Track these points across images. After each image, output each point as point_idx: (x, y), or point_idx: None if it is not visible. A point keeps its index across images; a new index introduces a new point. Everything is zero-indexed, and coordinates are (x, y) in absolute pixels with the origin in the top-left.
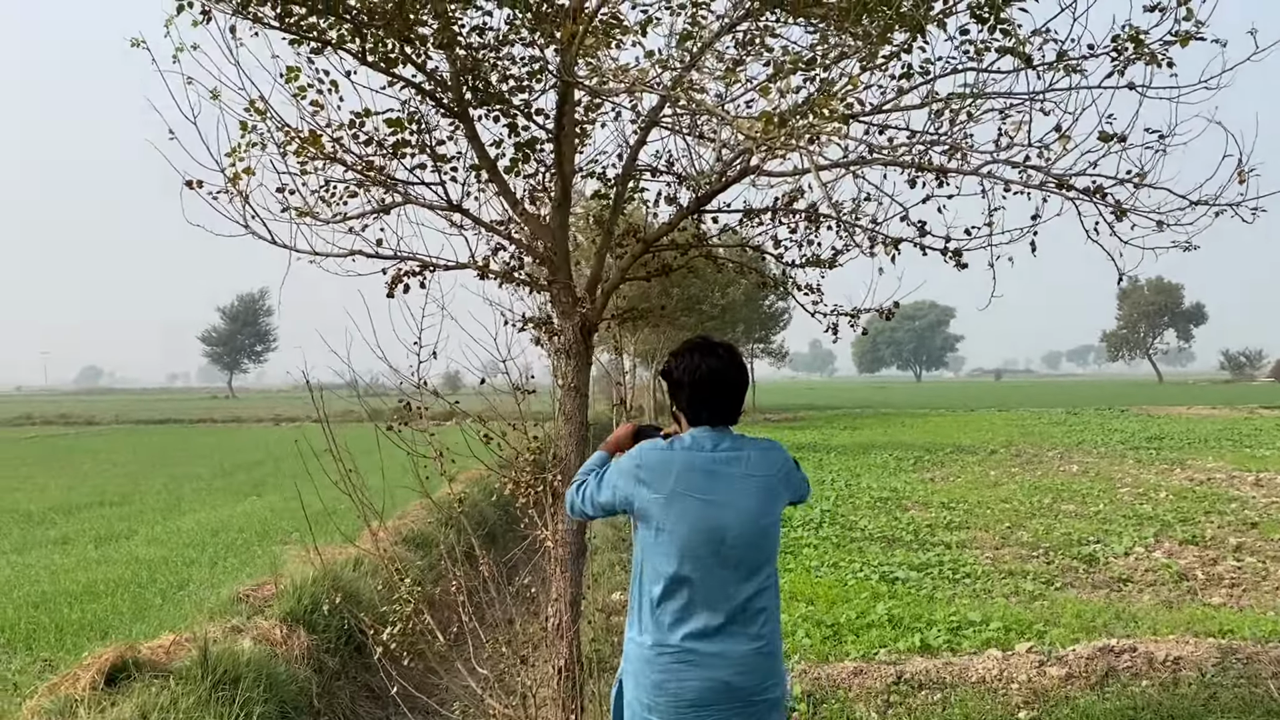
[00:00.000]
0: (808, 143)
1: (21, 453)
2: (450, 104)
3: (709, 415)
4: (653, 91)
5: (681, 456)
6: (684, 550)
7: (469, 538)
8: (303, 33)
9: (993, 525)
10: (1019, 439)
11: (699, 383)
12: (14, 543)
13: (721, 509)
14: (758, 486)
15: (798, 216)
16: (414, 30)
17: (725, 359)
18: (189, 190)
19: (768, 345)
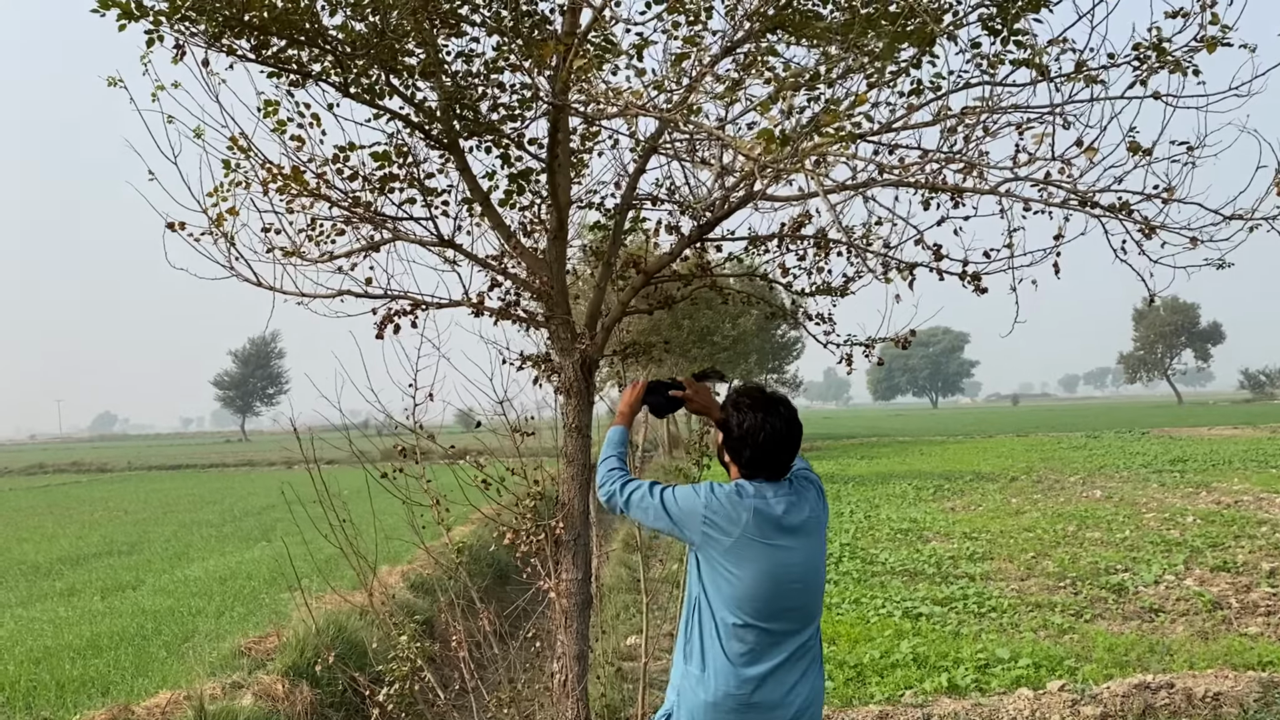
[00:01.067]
0: (813, 164)
1: (33, 502)
2: (439, 135)
3: (767, 473)
4: (647, 115)
5: (750, 503)
6: (753, 596)
7: (470, 589)
8: (281, 65)
9: (1017, 555)
10: (1039, 465)
11: (761, 444)
12: (20, 596)
13: (790, 555)
14: (816, 528)
15: (806, 242)
16: (399, 60)
17: (786, 417)
18: (171, 233)
19: (781, 375)
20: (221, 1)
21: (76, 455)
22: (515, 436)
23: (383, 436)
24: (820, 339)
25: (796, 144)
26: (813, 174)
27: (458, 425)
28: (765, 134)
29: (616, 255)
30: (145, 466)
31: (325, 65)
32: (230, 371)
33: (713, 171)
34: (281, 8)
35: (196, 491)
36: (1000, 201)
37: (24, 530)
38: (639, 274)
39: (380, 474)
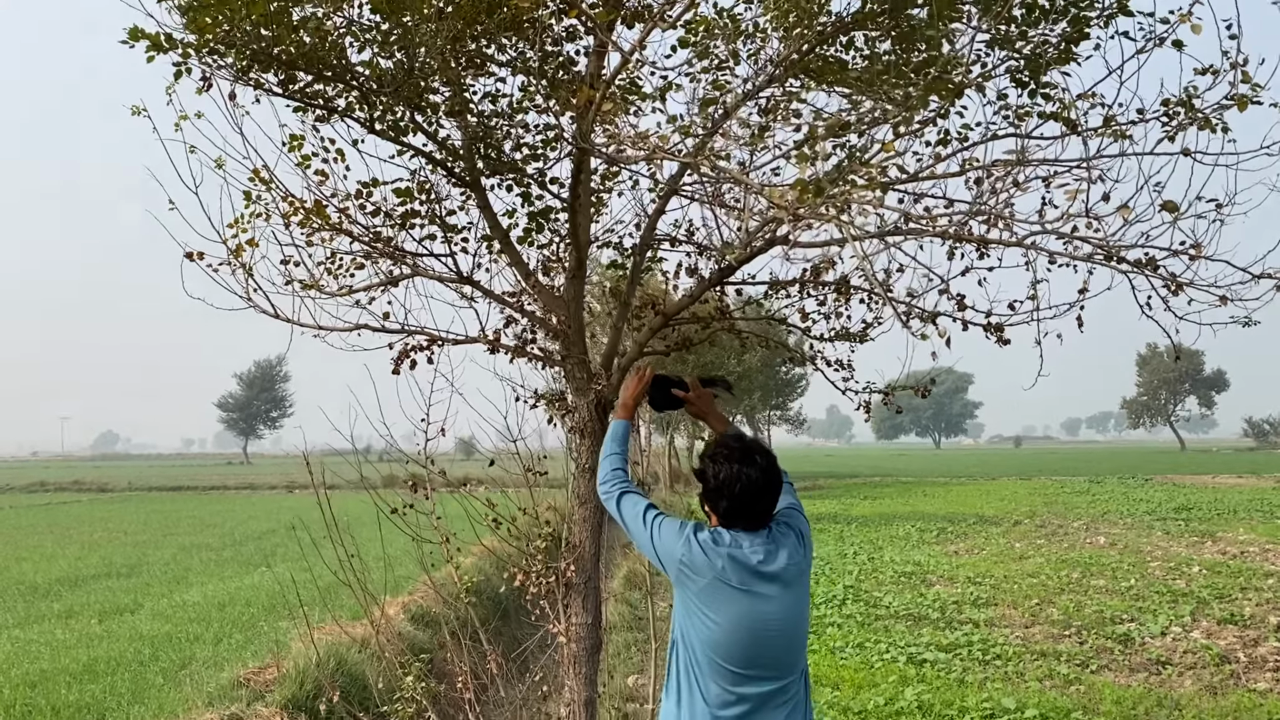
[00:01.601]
0: (842, 212)
1: (33, 520)
2: (462, 173)
3: (745, 524)
4: (673, 159)
5: (725, 551)
6: (729, 643)
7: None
8: (308, 100)
9: (1021, 602)
10: (1042, 509)
11: (738, 495)
12: (17, 616)
13: (767, 604)
14: (796, 577)
15: (827, 289)
16: (424, 98)
17: (765, 468)
18: (189, 262)
19: (784, 412)
20: (250, 36)
21: (78, 474)
22: (528, 475)
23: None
24: (839, 385)
25: (830, 192)
26: (842, 222)
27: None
28: (801, 184)
29: (634, 295)
30: (146, 487)
31: (351, 101)
32: (235, 393)
33: (737, 217)
34: (310, 43)
35: (197, 514)
36: (1025, 253)
37: (23, 549)
38: (657, 315)
39: (390, 509)
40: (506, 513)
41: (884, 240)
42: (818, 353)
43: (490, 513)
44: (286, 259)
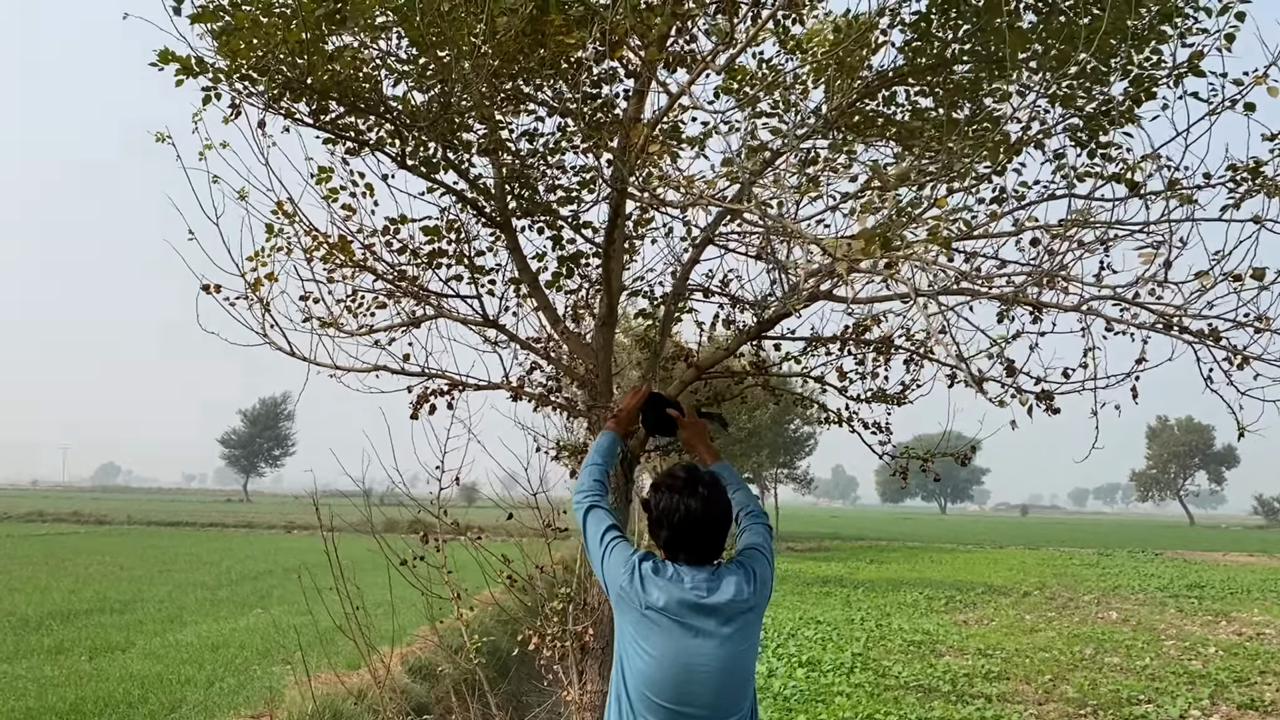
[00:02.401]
0: (898, 266)
1: (29, 550)
2: (492, 213)
3: (686, 556)
4: (719, 206)
5: (663, 583)
6: (659, 679)
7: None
8: (339, 131)
9: (1034, 677)
10: (1051, 581)
11: (678, 525)
12: (6, 650)
13: (704, 641)
14: (740, 613)
15: (867, 348)
16: (458, 135)
17: (706, 498)
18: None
19: (792, 471)
20: (284, 64)
21: (77, 505)
22: (547, 531)
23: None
24: (875, 449)
25: (901, 245)
26: (902, 278)
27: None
28: (867, 234)
29: (664, 346)
30: (145, 521)
31: (383, 134)
32: (238, 430)
33: (778, 269)
34: (344, 74)
35: (194, 551)
36: (1081, 319)
37: (17, 580)
38: (690, 368)
39: (400, 560)
40: (520, 568)
41: (933, 299)
42: (854, 414)
43: (505, 569)
44: (306, 295)
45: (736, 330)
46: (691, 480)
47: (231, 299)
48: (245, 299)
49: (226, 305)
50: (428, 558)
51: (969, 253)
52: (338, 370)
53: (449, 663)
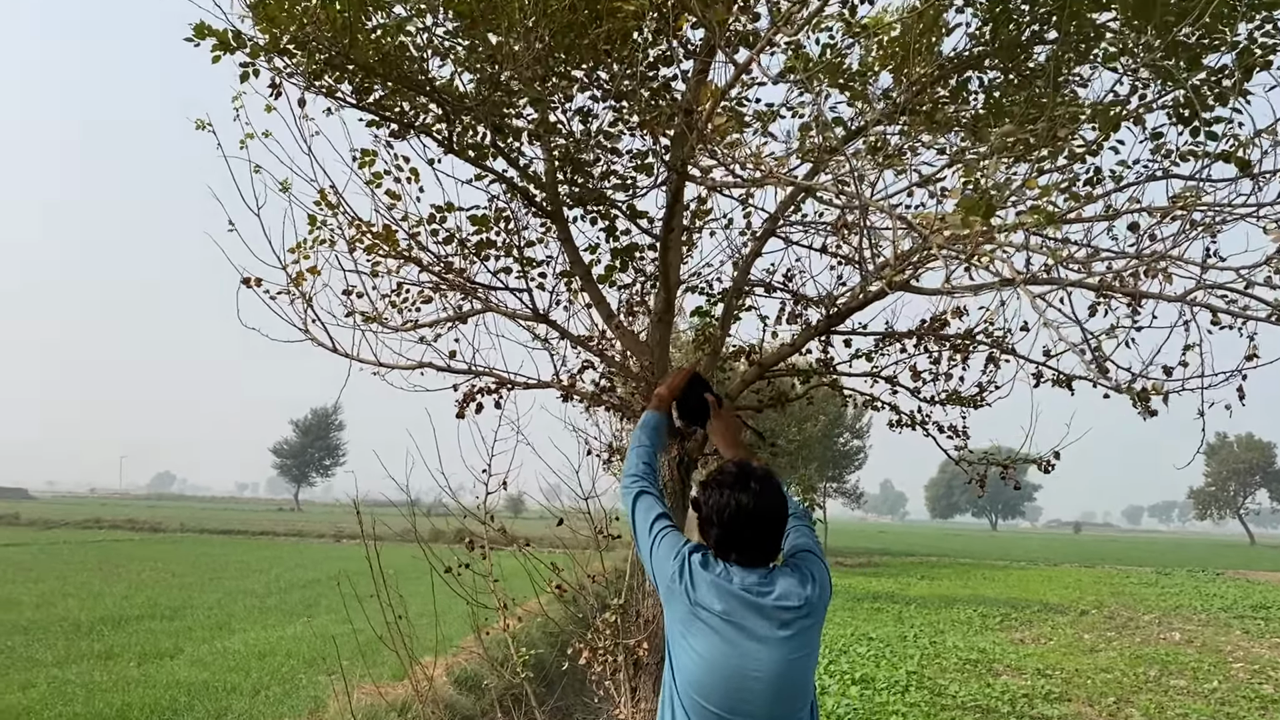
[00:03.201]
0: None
1: (84, 556)
2: (543, 201)
3: (738, 556)
4: (793, 184)
5: (712, 579)
6: (707, 683)
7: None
8: (383, 113)
9: (1097, 699)
10: (1109, 599)
11: (728, 522)
12: (57, 655)
13: (751, 646)
14: (792, 619)
15: (946, 344)
16: (507, 120)
17: (759, 494)
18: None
19: (841, 485)
20: (325, 38)
21: (132, 512)
22: (598, 539)
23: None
24: (952, 455)
25: (993, 215)
26: (992, 262)
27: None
28: (967, 203)
29: (723, 344)
30: (198, 529)
31: (429, 119)
32: (290, 440)
33: (865, 252)
34: (388, 48)
35: (245, 559)
36: (1184, 311)
37: (71, 585)
38: (752, 365)
39: (444, 568)
40: (570, 577)
41: (1027, 289)
42: (927, 416)
43: (555, 578)
44: (349, 289)
45: (803, 326)
46: (743, 475)
47: (272, 293)
48: (287, 293)
49: (267, 299)
50: (473, 565)
51: (1059, 240)
52: (381, 367)
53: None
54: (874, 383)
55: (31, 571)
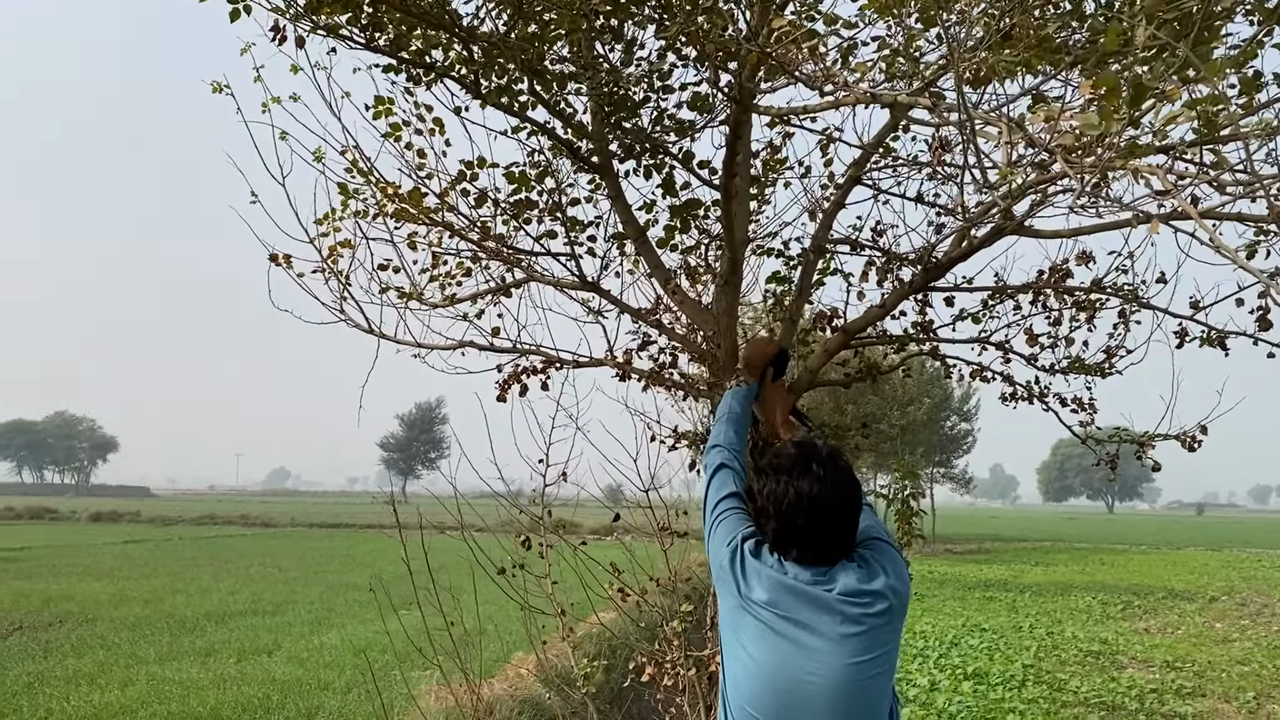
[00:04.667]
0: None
1: (196, 552)
2: (588, 154)
3: (799, 553)
4: (877, 101)
5: (767, 571)
6: (760, 690)
7: None
8: (398, 55)
9: (1234, 694)
10: (1240, 585)
11: (786, 513)
12: (159, 651)
13: (810, 645)
14: (859, 617)
15: (1069, 299)
16: (543, 64)
17: (822, 479)
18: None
19: (949, 470)
20: None
21: (246, 508)
22: (662, 536)
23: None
24: (1077, 432)
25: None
26: (1146, 173)
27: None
28: (1106, 80)
29: (802, 310)
30: (307, 523)
31: (451, 58)
32: (396, 434)
33: (964, 178)
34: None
35: (351, 552)
36: None
37: (181, 581)
38: (837, 333)
39: (498, 570)
40: (631, 580)
41: (1196, 217)
42: (1046, 388)
43: (615, 580)
44: (385, 264)
45: (895, 284)
46: (804, 457)
47: (304, 271)
48: (321, 271)
49: (297, 278)
50: (528, 565)
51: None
52: (421, 348)
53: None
54: (982, 350)
55: (145, 567)
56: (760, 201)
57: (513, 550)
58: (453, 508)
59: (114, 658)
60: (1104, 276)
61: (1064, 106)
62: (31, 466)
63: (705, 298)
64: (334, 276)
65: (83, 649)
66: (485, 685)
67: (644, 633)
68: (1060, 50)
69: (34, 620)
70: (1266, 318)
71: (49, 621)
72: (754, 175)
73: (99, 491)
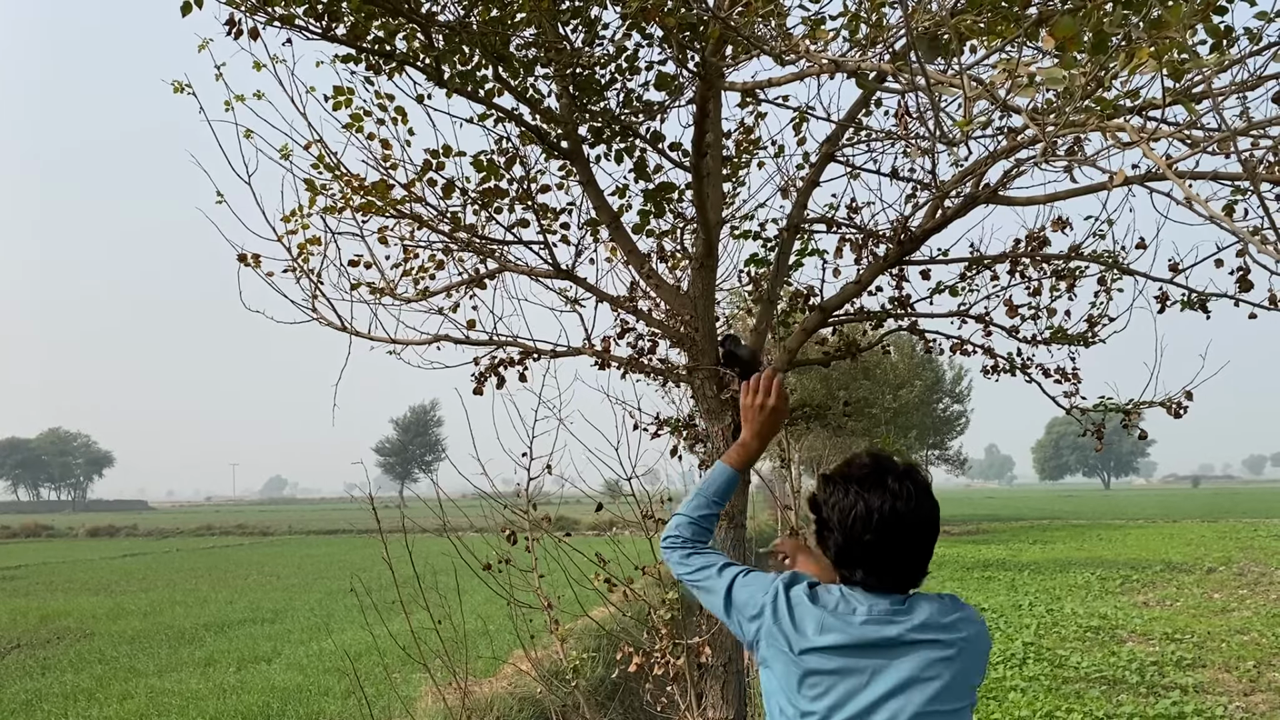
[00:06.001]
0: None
1: (195, 563)
2: (557, 139)
3: (866, 575)
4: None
5: (821, 615)
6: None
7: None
8: (356, 44)
9: (1234, 664)
10: (1238, 555)
11: (854, 527)
12: (159, 663)
13: (875, 698)
14: (933, 667)
15: (1047, 267)
16: (507, 48)
17: (897, 493)
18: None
19: (944, 452)
20: None
21: (243, 518)
22: (646, 523)
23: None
24: (1061, 403)
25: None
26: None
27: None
28: (1064, 28)
29: (779, 291)
30: (305, 531)
31: (414, 47)
32: (391, 438)
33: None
34: None
35: (348, 558)
36: None
37: (179, 592)
38: (814, 311)
39: (483, 566)
40: (617, 570)
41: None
42: (1028, 359)
43: (601, 571)
44: (355, 260)
45: (870, 260)
46: (878, 470)
47: (274, 271)
48: (291, 270)
49: (266, 278)
50: (515, 562)
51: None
52: (395, 344)
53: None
54: (962, 323)
55: (144, 580)
56: (735, 183)
57: (498, 546)
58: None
59: (112, 672)
60: (1082, 243)
61: (1022, 61)
62: (27, 484)
63: (683, 283)
64: (304, 275)
65: (81, 664)
66: (486, 684)
67: (633, 623)
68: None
69: (31, 638)
70: (1246, 278)
71: (47, 638)
72: (727, 156)
73: (96, 507)
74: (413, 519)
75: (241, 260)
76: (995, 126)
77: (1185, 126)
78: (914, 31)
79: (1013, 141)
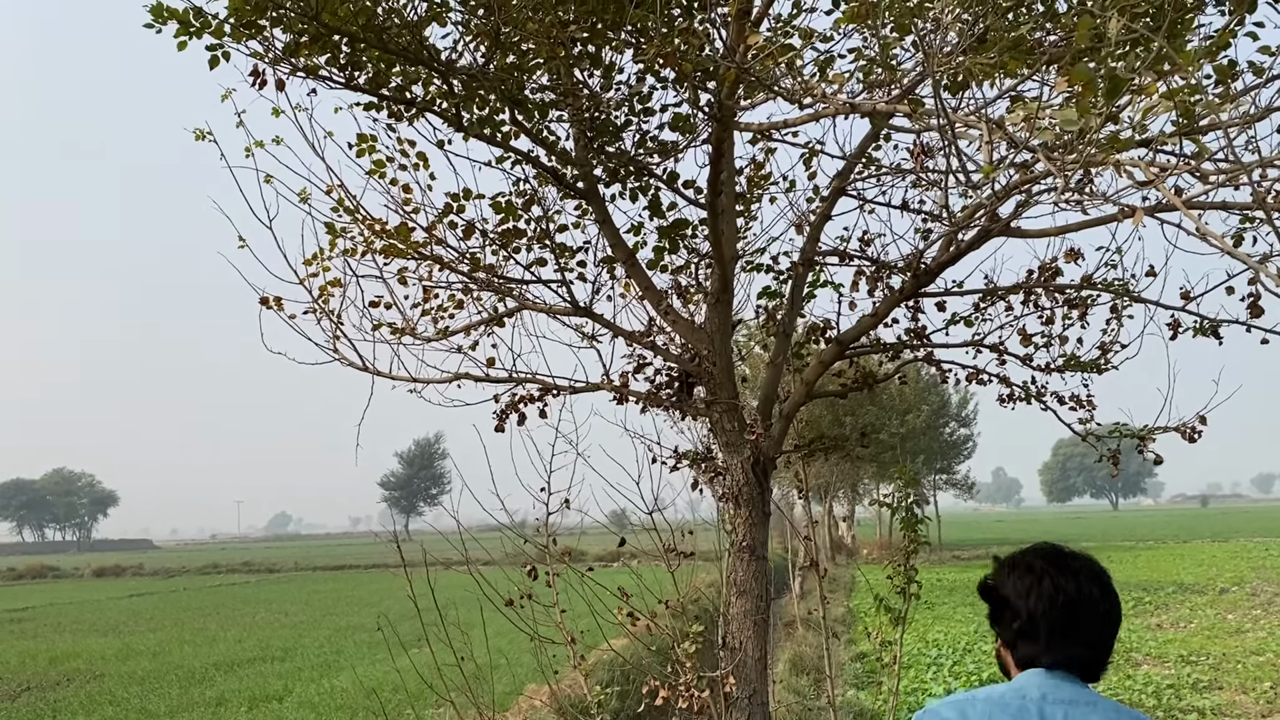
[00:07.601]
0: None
1: (202, 602)
2: (573, 179)
3: (1047, 652)
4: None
5: (982, 709)
6: None
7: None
8: (378, 92)
9: (1251, 685)
10: (1250, 575)
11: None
12: (170, 704)
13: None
14: None
15: (1060, 297)
16: (524, 94)
17: (1081, 574)
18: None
19: (951, 476)
20: (296, 4)
21: (249, 555)
22: (668, 556)
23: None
24: (1077, 429)
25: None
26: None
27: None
28: (1080, 75)
29: (794, 323)
30: (310, 567)
31: (432, 93)
32: (396, 472)
33: (946, 181)
34: (373, 15)
35: (356, 594)
36: None
37: (188, 631)
38: (830, 344)
39: (505, 602)
40: (641, 602)
41: (1183, 209)
42: (1043, 387)
43: (624, 604)
44: (376, 300)
45: (885, 293)
46: (1057, 554)
47: (295, 313)
48: (313, 311)
49: (288, 320)
50: (537, 597)
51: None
52: (416, 383)
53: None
54: (977, 352)
55: (151, 620)
56: (747, 218)
57: (519, 581)
58: (457, 542)
59: (123, 713)
60: (1094, 272)
61: (1042, 104)
62: (32, 525)
63: (698, 317)
64: (325, 316)
65: (91, 706)
66: (501, 718)
67: (656, 656)
68: (1035, 51)
69: (41, 680)
70: (1258, 304)
71: (56, 680)
72: (739, 192)
73: (101, 546)
74: (432, 553)
75: (264, 303)
76: (1010, 162)
77: (1194, 159)
78: (935, 77)
79: (1025, 176)
